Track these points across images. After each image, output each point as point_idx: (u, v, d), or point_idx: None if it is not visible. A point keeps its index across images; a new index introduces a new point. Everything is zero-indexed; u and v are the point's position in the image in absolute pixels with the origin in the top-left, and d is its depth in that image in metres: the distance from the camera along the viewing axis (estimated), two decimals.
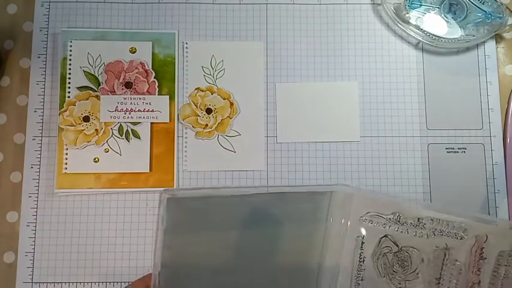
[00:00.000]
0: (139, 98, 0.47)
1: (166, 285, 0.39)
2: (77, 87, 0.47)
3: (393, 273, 0.41)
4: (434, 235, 0.41)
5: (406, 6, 0.48)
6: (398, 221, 0.41)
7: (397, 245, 0.41)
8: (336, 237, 0.42)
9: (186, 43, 0.48)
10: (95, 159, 0.46)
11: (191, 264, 0.41)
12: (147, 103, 0.47)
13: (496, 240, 0.40)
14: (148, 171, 0.46)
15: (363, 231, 0.42)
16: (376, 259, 0.41)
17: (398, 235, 0.41)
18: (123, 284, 0.45)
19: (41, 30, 0.48)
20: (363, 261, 0.42)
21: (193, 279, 0.41)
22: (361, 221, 0.42)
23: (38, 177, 0.46)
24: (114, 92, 0.47)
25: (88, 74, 0.47)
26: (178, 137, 0.47)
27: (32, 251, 0.45)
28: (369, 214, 0.42)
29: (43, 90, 0.47)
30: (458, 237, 0.41)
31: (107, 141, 0.46)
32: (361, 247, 0.42)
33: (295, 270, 0.42)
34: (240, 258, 0.42)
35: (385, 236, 0.41)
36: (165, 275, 0.39)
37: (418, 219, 0.41)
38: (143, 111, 0.47)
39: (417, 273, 0.41)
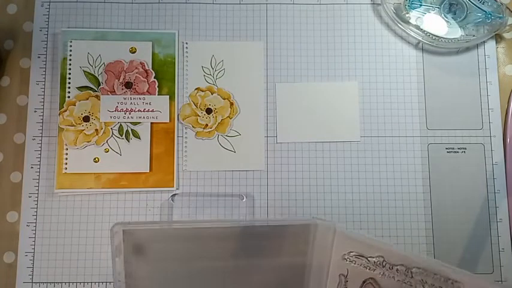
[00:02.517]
0: (139, 98, 0.47)
1: None
2: (77, 87, 0.47)
3: None
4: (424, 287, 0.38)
5: (406, 6, 0.48)
6: (384, 266, 0.38)
7: None
8: (318, 272, 0.40)
9: (186, 43, 0.48)
10: (95, 159, 0.46)
11: None
12: (147, 103, 0.47)
13: None
14: (148, 171, 0.46)
15: (347, 270, 0.39)
16: None
17: (384, 280, 0.38)
18: None
19: (41, 30, 0.48)
20: None
21: None
22: (344, 259, 0.39)
23: (38, 177, 0.46)
24: (114, 92, 0.47)
25: (88, 74, 0.47)
26: (178, 137, 0.47)
27: (32, 251, 0.45)
28: (352, 254, 0.39)
29: (43, 90, 0.47)
30: None
31: (107, 141, 0.46)
32: (345, 285, 0.39)
33: None
34: None
35: (369, 278, 0.39)
36: None
37: (406, 268, 0.38)
38: (143, 111, 0.47)
39: None
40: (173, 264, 0.40)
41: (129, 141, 0.46)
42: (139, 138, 0.46)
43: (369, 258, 0.39)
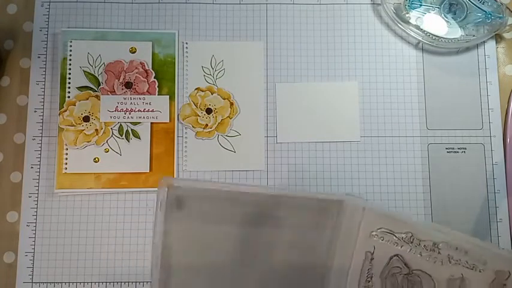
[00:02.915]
0: (139, 98, 0.47)
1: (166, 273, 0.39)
2: (77, 87, 0.47)
3: None
4: (450, 263, 0.38)
5: (406, 6, 0.48)
6: (411, 242, 0.39)
7: (408, 267, 0.39)
8: (345, 248, 0.40)
9: (186, 43, 0.48)
10: (95, 159, 0.46)
11: (189, 257, 0.41)
12: (147, 103, 0.47)
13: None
14: (148, 171, 0.46)
15: (373, 247, 0.40)
16: (384, 278, 0.39)
17: (410, 256, 0.39)
18: (123, 284, 0.45)
19: (41, 30, 0.48)
20: (371, 277, 0.39)
21: (191, 272, 0.41)
22: (372, 236, 0.40)
23: (38, 177, 0.46)
24: (114, 92, 0.47)
25: (88, 74, 0.47)
26: (178, 137, 0.47)
27: (32, 251, 0.45)
28: (380, 230, 0.40)
29: (43, 90, 0.47)
30: (477, 270, 0.38)
31: (107, 141, 0.46)
32: (370, 262, 0.40)
33: (301, 275, 0.41)
34: (241, 257, 0.41)
35: (396, 255, 0.39)
36: (165, 261, 0.40)
37: (434, 243, 0.39)
38: (143, 111, 0.47)
39: None
40: (207, 225, 0.41)
41: (129, 141, 0.46)
42: (139, 138, 0.46)
43: (397, 235, 0.39)
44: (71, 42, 0.47)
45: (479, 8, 0.47)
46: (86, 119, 0.46)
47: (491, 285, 0.38)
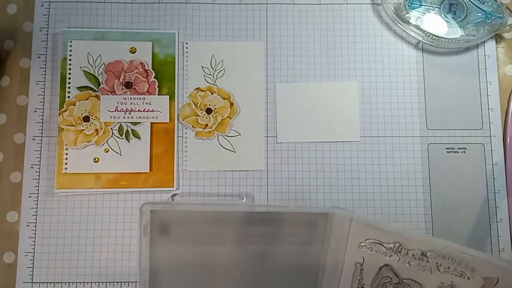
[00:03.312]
0: (139, 98, 0.47)
1: None
2: (77, 87, 0.47)
3: None
4: (439, 271, 0.39)
5: (406, 6, 0.48)
6: (400, 252, 0.39)
7: (398, 276, 0.39)
8: (334, 260, 0.40)
9: (186, 43, 0.48)
10: (95, 159, 0.46)
11: (178, 280, 0.41)
12: (147, 103, 0.47)
13: (507, 283, 0.38)
14: (148, 171, 0.46)
15: (362, 258, 0.40)
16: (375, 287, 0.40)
17: (399, 266, 0.39)
18: (123, 284, 0.45)
19: (41, 30, 0.48)
20: (362, 287, 0.40)
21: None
22: (361, 247, 0.40)
23: (38, 177, 0.46)
24: (114, 92, 0.47)
25: (88, 74, 0.47)
26: (178, 137, 0.47)
27: (32, 251, 0.45)
28: (368, 241, 0.40)
29: (43, 90, 0.47)
30: (465, 277, 0.39)
31: (107, 141, 0.46)
32: (360, 273, 0.40)
33: None
34: (231, 275, 0.41)
35: (385, 265, 0.40)
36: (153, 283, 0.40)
37: (422, 252, 0.39)
38: (143, 111, 0.47)
39: None
40: (193, 246, 0.41)
41: (129, 141, 0.46)
42: (139, 138, 0.46)
43: (385, 245, 0.40)
44: (71, 42, 0.47)
45: (479, 8, 0.47)
46: (86, 119, 0.46)
47: None
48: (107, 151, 0.46)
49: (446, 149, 0.47)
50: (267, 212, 0.42)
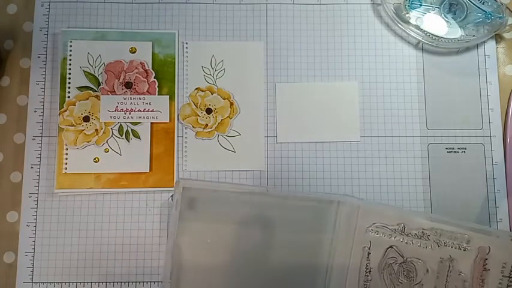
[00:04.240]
0: (139, 98, 0.47)
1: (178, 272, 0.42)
2: (77, 87, 0.47)
3: (399, 284, 0.42)
4: (439, 246, 0.42)
5: (406, 6, 0.48)
6: (403, 232, 0.42)
7: (402, 256, 0.42)
8: (343, 246, 0.43)
9: (186, 43, 0.48)
10: (95, 159, 0.46)
11: (198, 257, 0.43)
12: (147, 103, 0.47)
13: (498, 251, 0.41)
14: (148, 171, 0.46)
15: (369, 242, 0.42)
16: (382, 269, 0.42)
17: (403, 246, 0.42)
18: (123, 284, 0.45)
19: (41, 30, 0.48)
20: (369, 271, 0.42)
21: (200, 269, 0.43)
22: (368, 231, 0.42)
23: (38, 177, 0.46)
24: (114, 92, 0.47)
25: (88, 74, 0.47)
26: (178, 137, 0.47)
27: (32, 251, 0.45)
28: (375, 225, 0.42)
29: (43, 90, 0.47)
30: (462, 249, 0.41)
31: (107, 141, 0.46)
32: (368, 257, 0.42)
33: (303, 276, 0.43)
34: (245, 256, 0.43)
35: (390, 246, 0.42)
36: (177, 259, 0.42)
37: (423, 230, 0.42)
38: (143, 111, 0.47)
39: (422, 284, 0.42)
40: (215, 225, 0.43)
41: (129, 141, 0.46)
42: (139, 138, 0.46)
43: (390, 227, 0.42)
44: (71, 42, 0.47)
45: (479, 8, 0.47)
46: (86, 119, 0.46)
47: (475, 261, 0.41)
48: (107, 151, 0.46)
49: (446, 149, 0.47)
50: (280, 196, 0.45)
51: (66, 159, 0.46)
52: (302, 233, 0.43)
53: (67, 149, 0.46)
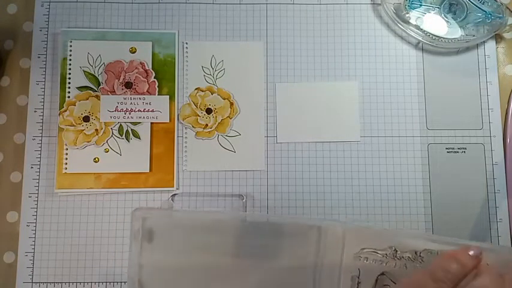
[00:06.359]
0: (139, 98, 0.47)
1: None
2: (77, 87, 0.47)
3: None
4: None
5: (406, 6, 0.48)
6: (395, 256, 0.38)
7: (395, 282, 0.38)
8: (329, 277, 0.39)
9: (186, 43, 0.48)
10: (95, 159, 0.46)
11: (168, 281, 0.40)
12: (147, 103, 0.47)
13: (499, 269, 0.36)
14: (148, 171, 0.46)
15: (359, 270, 0.39)
16: None
17: (396, 271, 0.38)
18: (123, 284, 0.45)
19: (41, 30, 0.48)
20: None
21: None
22: (356, 258, 0.39)
23: (38, 177, 0.46)
24: (114, 92, 0.47)
25: (88, 74, 0.47)
26: (178, 137, 0.47)
27: (32, 251, 0.45)
28: (364, 251, 0.39)
29: (43, 90, 0.47)
30: None
31: (107, 141, 0.46)
32: (357, 287, 0.39)
33: None
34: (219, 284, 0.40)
35: (382, 273, 0.38)
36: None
37: (415, 252, 0.38)
38: (143, 111, 0.47)
39: None
40: (182, 254, 0.40)
41: (129, 141, 0.46)
42: (139, 138, 0.46)
43: (380, 252, 0.39)
44: (71, 42, 0.47)
45: (479, 8, 0.47)
46: (86, 119, 0.46)
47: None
48: (107, 151, 0.46)
49: (446, 149, 0.47)
50: (258, 222, 0.41)
51: (66, 159, 0.46)
52: (282, 260, 0.39)
53: (67, 149, 0.46)
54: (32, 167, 0.46)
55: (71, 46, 0.47)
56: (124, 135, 0.46)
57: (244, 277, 0.40)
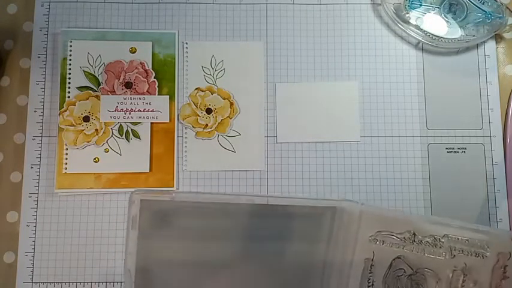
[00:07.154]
0: (139, 98, 0.47)
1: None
2: (77, 87, 0.47)
3: None
4: (452, 254, 0.38)
5: (406, 6, 0.48)
6: (414, 241, 0.38)
7: (412, 267, 0.38)
8: (342, 259, 0.38)
9: (186, 43, 0.48)
10: (95, 159, 0.46)
11: (166, 271, 0.38)
12: (147, 103, 0.47)
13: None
14: (148, 171, 0.46)
15: (373, 253, 0.38)
16: (387, 283, 0.38)
17: (413, 256, 0.38)
18: (123, 284, 0.44)
19: (41, 30, 0.48)
20: (372, 285, 0.38)
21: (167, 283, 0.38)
22: (371, 241, 0.38)
23: (38, 177, 0.46)
24: (114, 92, 0.47)
25: (88, 74, 0.47)
26: (178, 137, 0.47)
27: (32, 251, 0.45)
28: (380, 234, 0.38)
29: (43, 90, 0.47)
30: (480, 256, 0.38)
31: (107, 141, 0.46)
32: (370, 270, 0.38)
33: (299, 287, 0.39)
34: (229, 275, 0.39)
35: (398, 257, 0.38)
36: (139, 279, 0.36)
37: (434, 237, 0.38)
38: (143, 111, 0.47)
39: None
40: (189, 241, 0.38)
41: (129, 141, 0.46)
42: (139, 138, 0.46)
43: (398, 235, 0.38)
44: (71, 42, 0.47)
45: (479, 8, 0.47)
46: (86, 119, 0.46)
47: (494, 268, 0.37)
48: (107, 151, 0.46)
49: (446, 149, 0.47)
50: (269, 205, 0.40)
51: (66, 159, 0.46)
52: (294, 244, 0.39)
53: (67, 149, 0.46)
54: (32, 167, 0.46)
55: (71, 46, 0.47)
56: (124, 135, 0.46)
57: (254, 263, 0.39)
